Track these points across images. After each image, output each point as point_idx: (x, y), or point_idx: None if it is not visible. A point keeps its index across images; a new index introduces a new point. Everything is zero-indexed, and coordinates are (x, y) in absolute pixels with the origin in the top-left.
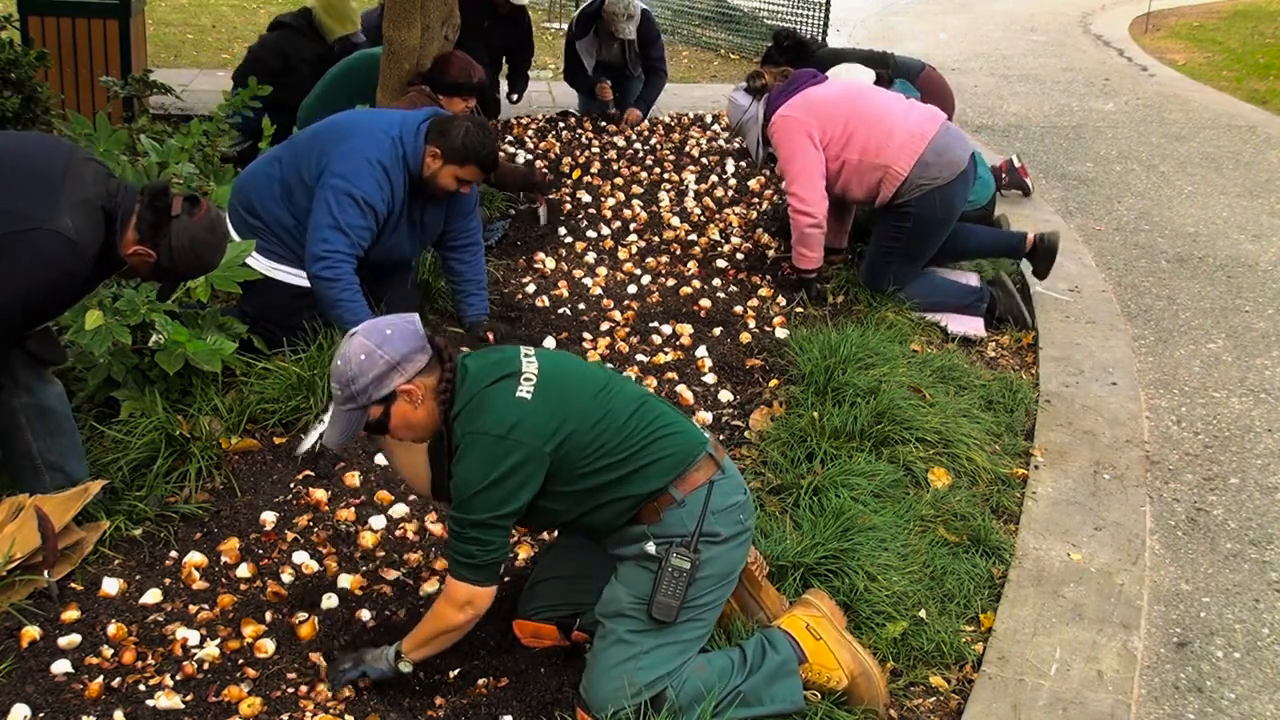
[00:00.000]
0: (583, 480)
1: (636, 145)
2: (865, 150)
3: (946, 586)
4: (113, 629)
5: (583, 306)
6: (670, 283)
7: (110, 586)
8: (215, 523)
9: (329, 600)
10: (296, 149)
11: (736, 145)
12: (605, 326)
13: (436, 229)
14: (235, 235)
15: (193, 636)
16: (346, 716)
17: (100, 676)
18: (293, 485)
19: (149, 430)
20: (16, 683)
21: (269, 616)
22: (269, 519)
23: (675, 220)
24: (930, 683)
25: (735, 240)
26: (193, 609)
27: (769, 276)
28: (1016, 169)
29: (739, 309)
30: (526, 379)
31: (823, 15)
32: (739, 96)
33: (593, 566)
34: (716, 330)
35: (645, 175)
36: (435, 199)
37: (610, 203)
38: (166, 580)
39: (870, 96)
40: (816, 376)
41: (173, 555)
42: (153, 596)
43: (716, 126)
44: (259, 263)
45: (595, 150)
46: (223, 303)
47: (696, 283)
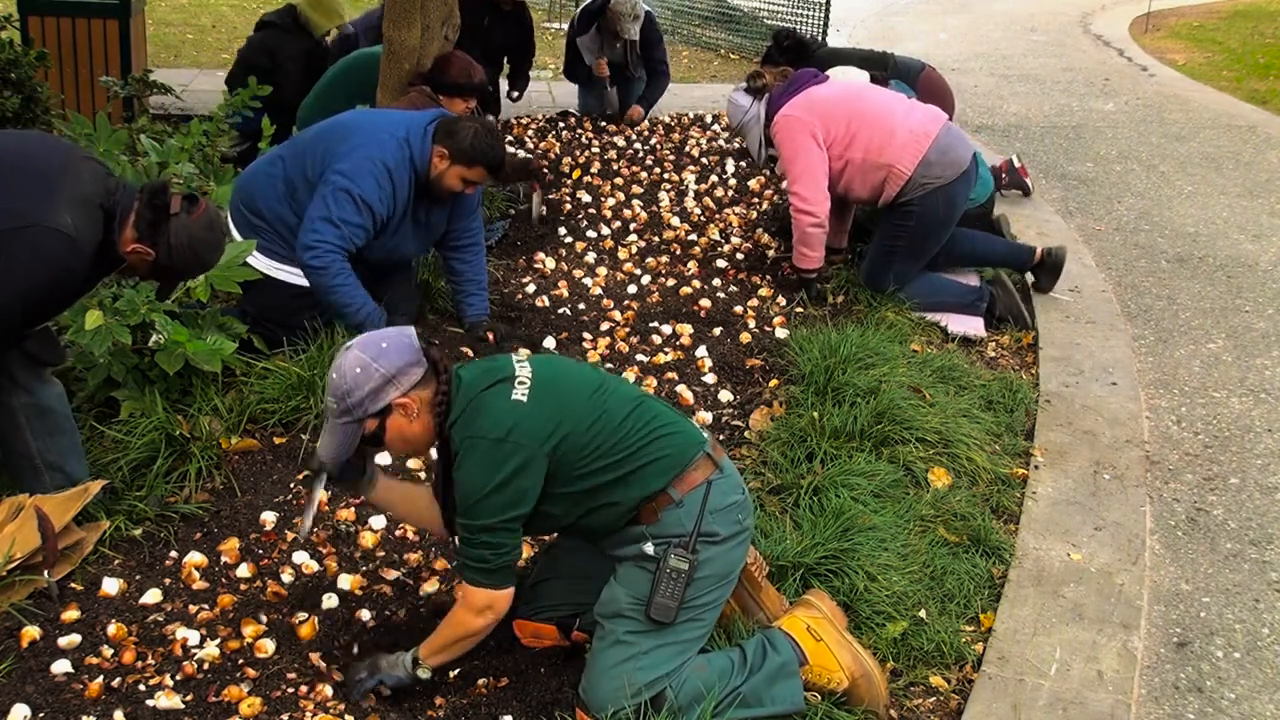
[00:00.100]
0: (580, 481)
1: (636, 145)
2: (869, 149)
3: (946, 586)
4: (113, 629)
5: (583, 306)
6: (670, 283)
7: (110, 586)
8: (215, 523)
9: (329, 600)
10: (300, 148)
11: (737, 145)
12: (605, 326)
13: (440, 229)
14: (237, 234)
15: (193, 636)
16: (347, 717)
17: (100, 676)
18: (293, 485)
19: (149, 430)
20: (16, 683)
21: (269, 617)
22: (269, 519)
23: (675, 220)
24: (930, 683)
25: (735, 240)
26: (193, 609)
27: (769, 276)
28: (1016, 169)
29: (739, 309)
30: (521, 382)
31: (823, 15)
32: (739, 97)
33: (592, 567)
34: (716, 330)
35: (645, 175)
36: (440, 199)
37: (610, 203)
38: (166, 580)
39: (873, 96)
40: (816, 376)
41: (173, 555)
42: (153, 596)
43: (716, 126)
44: (260, 262)
45: (595, 150)
46: (223, 303)
47: (696, 283)
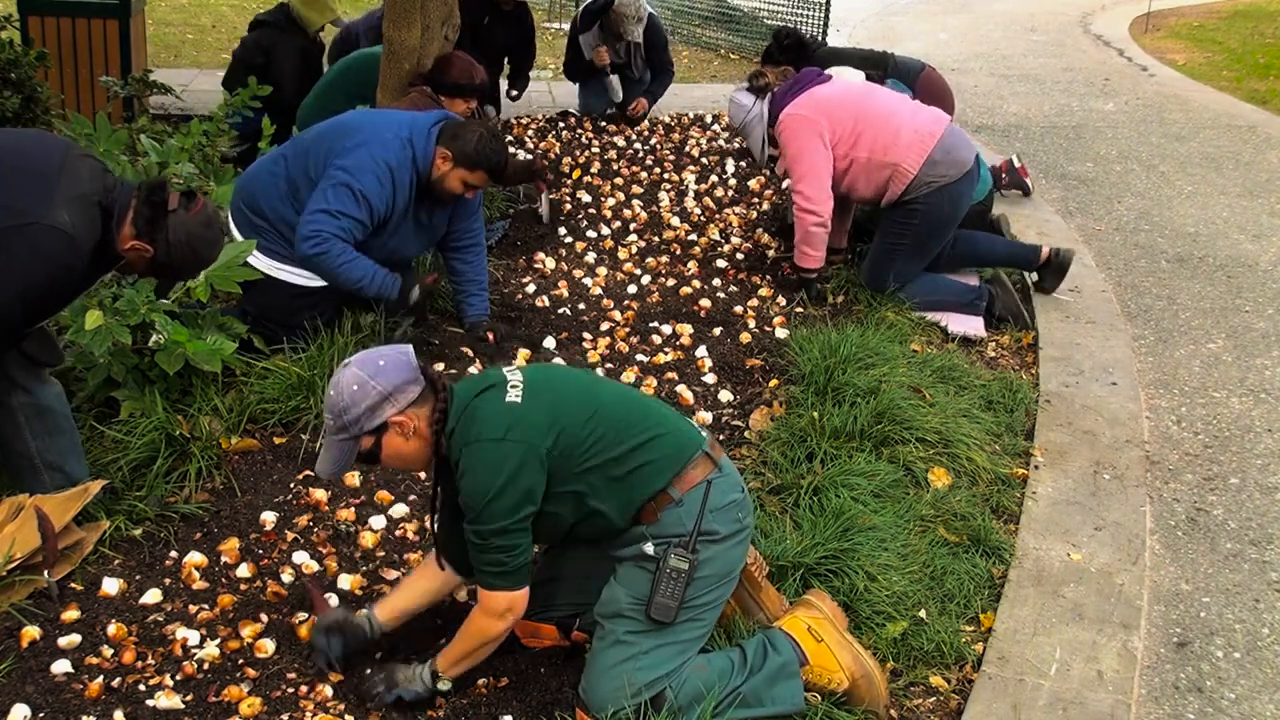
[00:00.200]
0: (581, 480)
1: (636, 145)
2: (874, 149)
3: (946, 586)
4: (113, 629)
5: (583, 306)
6: (670, 283)
7: (110, 586)
8: (215, 523)
9: (329, 600)
10: (302, 147)
11: (737, 145)
12: (605, 326)
13: (441, 230)
14: (238, 234)
15: (193, 636)
16: (347, 717)
17: (100, 676)
18: (293, 485)
19: (149, 430)
20: (16, 683)
21: (269, 617)
22: (269, 519)
23: (675, 220)
24: (930, 683)
25: (735, 240)
26: (193, 609)
27: (769, 276)
28: (1016, 169)
29: (739, 309)
30: (513, 386)
31: (823, 15)
32: (741, 96)
33: (592, 567)
34: (716, 330)
35: (645, 175)
36: (440, 201)
37: (610, 203)
38: (166, 580)
39: (877, 96)
40: (816, 376)
41: (173, 555)
42: (153, 596)
43: (716, 126)
44: (261, 262)
45: (595, 150)
46: (223, 303)
47: (696, 283)
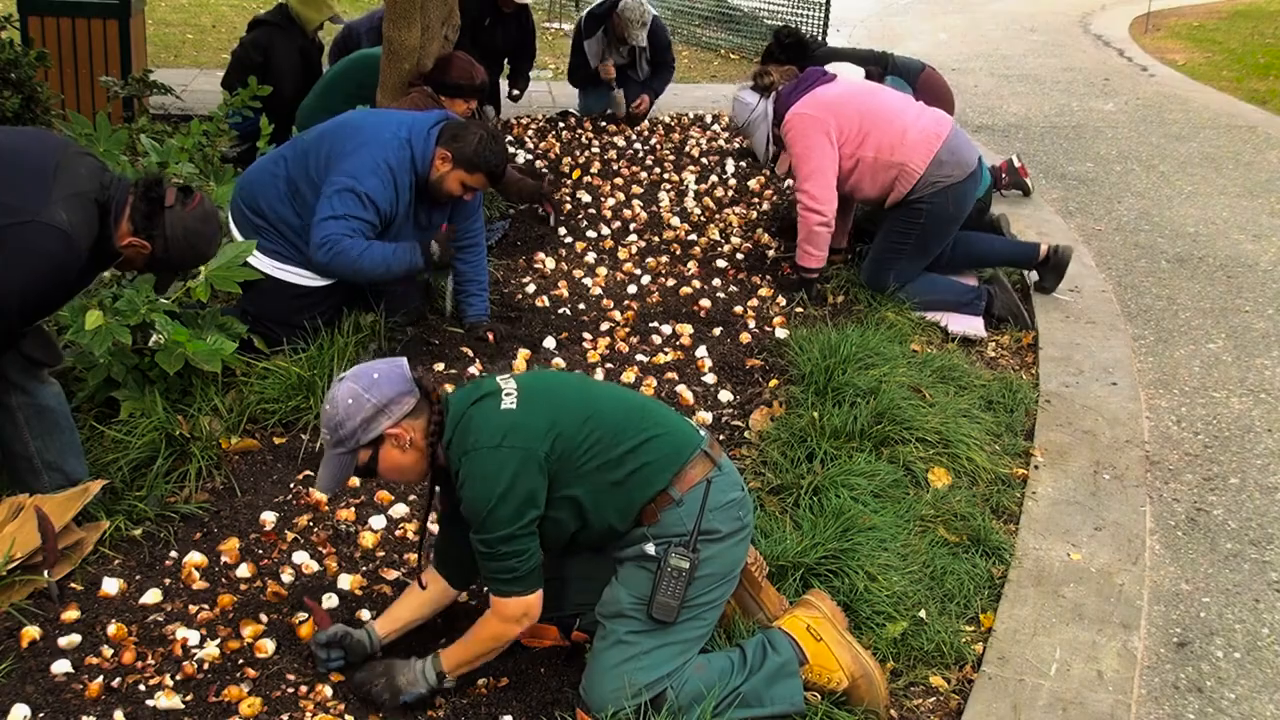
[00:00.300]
0: (580, 483)
1: (636, 145)
2: (880, 149)
3: (946, 586)
4: (113, 629)
5: (583, 306)
6: (670, 283)
7: (110, 586)
8: (215, 523)
9: (329, 600)
10: (302, 148)
11: (737, 145)
12: (605, 326)
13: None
14: (238, 234)
15: (193, 636)
16: (347, 717)
17: (100, 676)
18: (293, 485)
19: (149, 430)
20: (16, 683)
21: (269, 617)
22: (269, 519)
23: (675, 220)
24: (930, 683)
25: (735, 240)
26: (193, 609)
27: (769, 276)
28: (1016, 169)
29: (739, 309)
30: (508, 394)
31: (823, 15)
32: (746, 95)
33: (592, 567)
34: (716, 330)
35: (645, 175)
36: (439, 202)
37: (610, 203)
38: (166, 580)
39: (883, 95)
40: (816, 376)
41: (173, 555)
42: (153, 596)
43: (717, 126)
44: (261, 262)
45: (595, 150)
46: (223, 303)
47: (696, 283)
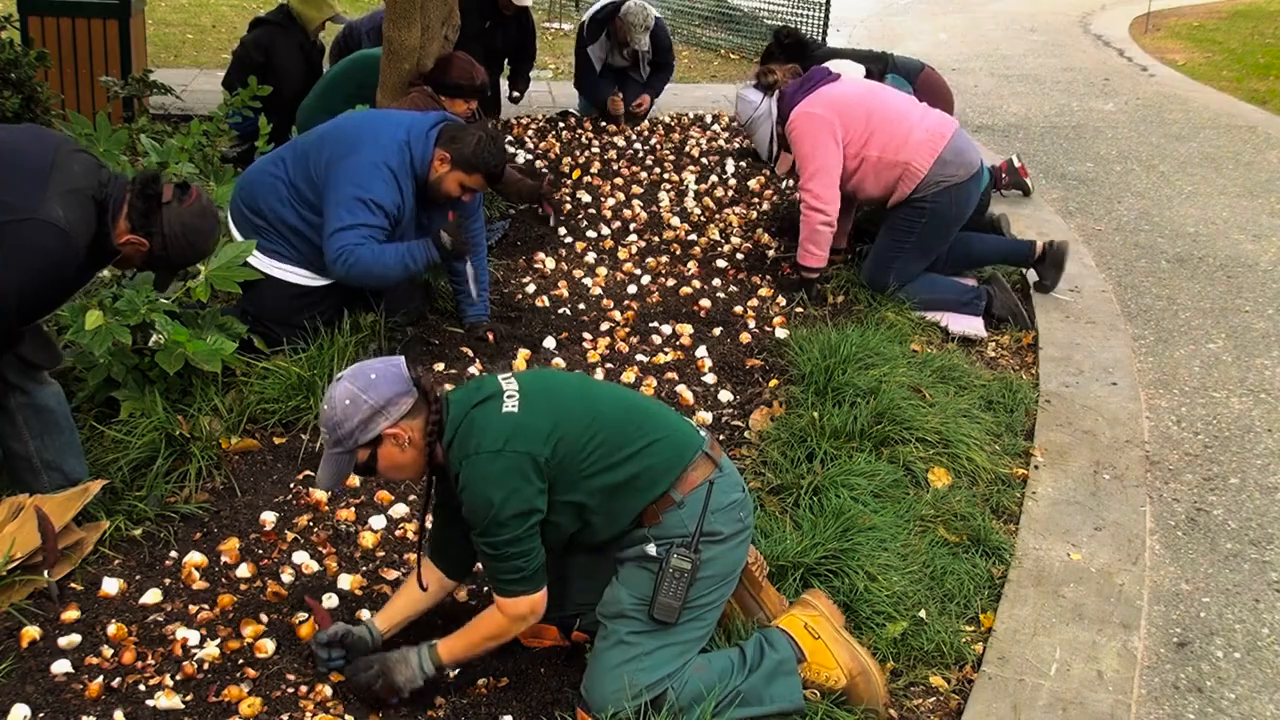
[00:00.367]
0: (582, 487)
1: (636, 145)
2: (885, 148)
3: (946, 586)
4: (113, 629)
5: (583, 306)
6: (670, 283)
7: (110, 586)
8: (215, 523)
9: (329, 600)
10: (302, 150)
11: (737, 145)
12: (605, 326)
13: None
14: (238, 234)
15: (193, 636)
16: (347, 716)
17: (100, 676)
18: (293, 485)
19: (149, 430)
20: (16, 683)
21: (269, 617)
22: (269, 519)
23: (675, 220)
24: (930, 683)
25: (735, 240)
26: (193, 609)
27: (769, 276)
28: (1016, 169)
29: (739, 309)
30: (509, 396)
31: (823, 15)
32: (750, 93)
33: (592, 567)
34: (716, 330)
35: (645, 175)
36: (438, 203)
37: (610, 203)
38: (166, 580)
39: (888, 95)
40: (816, 376)
41: (173, 555)
42: (153, 596)
43: (717, 126)
44: (261, 261)
45: (595, 150)
46: (223, 303)
47: (696, 283)
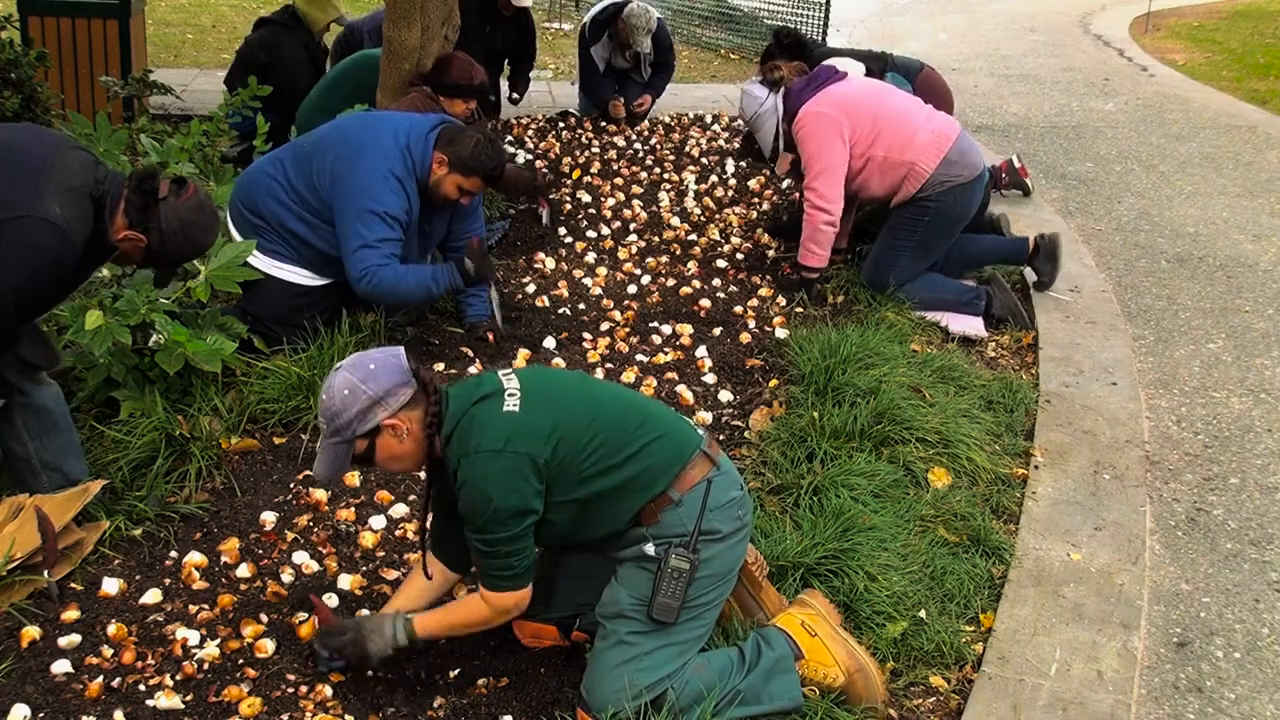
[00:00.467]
0: (581, 487)
1: (636, 145)
2: (891, 148)
3: (946, 586)
4: (113, 629)
5: (583, 306)
6: (670, 283)
7: (110, 586)
8: (215, 523)
9: (329, 600)
10: (304, 154)
11: (738, 145)
12: (605, 326)
13: (440, 233)
14: (236, 234)
15: (193, 636)
16: (346, 716)
17: (100, 676)
18: (293, 485)
19: (149, 430)
20: (16, 683)
21: (269, 617)
22: (269, 519)
23: (675, 220)
24: (930, 683)
25: (735, 240)
26: (193, 609)
27: (769, 276)
28: (1016, 169)
29: (739, 309)
30: (510, 394)
31: (823, 15)
32: (755, 88)
33: (592, 567)
34: (716, 330)
35: (645, 175)
36: (437, 206)
37: (610, 203)
38: (166, 580)
39: (894, 96)
40: (816, 376)
41: (173, 555)
42: (153, 596)
43: (717, 126)
44: (260, 261)
45: (595, 150)
46: (223, 303)
47: (696, 283)
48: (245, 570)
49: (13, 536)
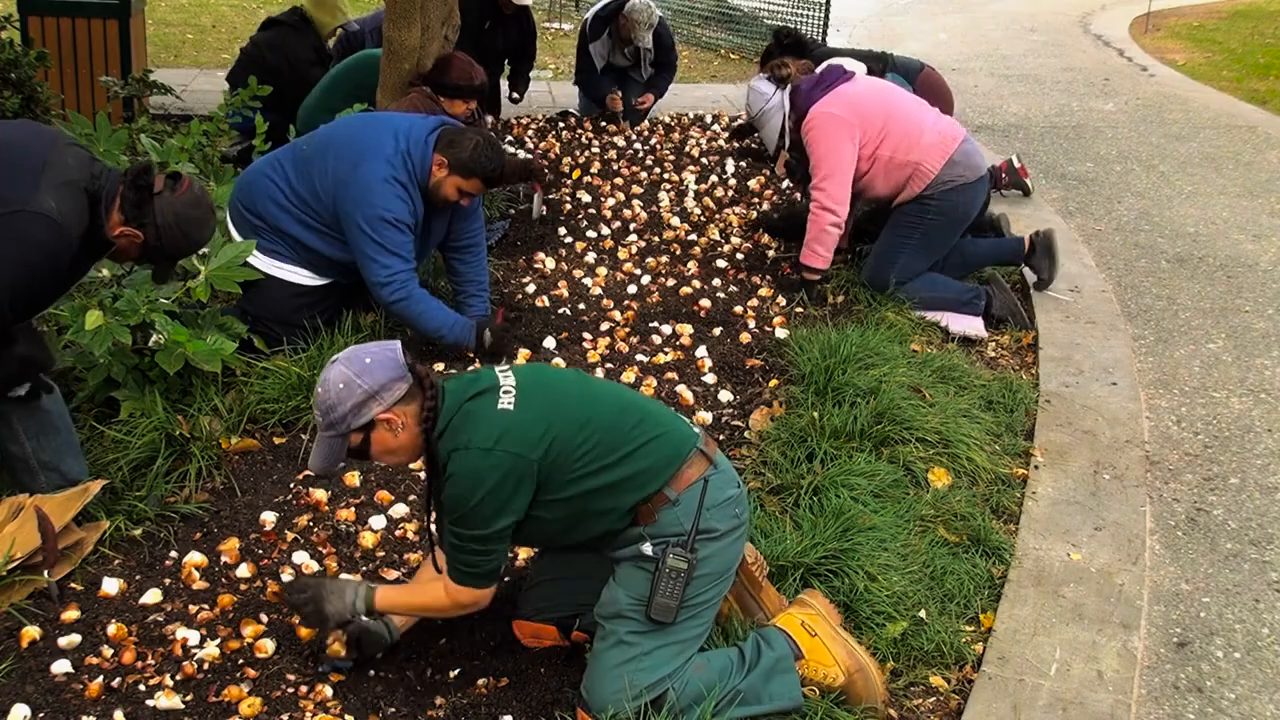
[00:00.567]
0: (574, 486)
1: (636, 145)
2: (897, 148)
3: (946, 586)
4: (113, 629)
5: (583, 306)
6: (670, 283)
7: (110, 586)
8: (215, 523)
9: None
10: (304, 157)
11: (737, 145)
12: (605, 326)
13: (440, 234)
14: (236, 234)
15: (193, 636)
16: (346, 716)
17: (100, 676)
18: (293, 485)
19: (149, 430)
20: (16, 683)
21: (269, 617)
22: (269, 519)
23: (675, 220)
24: (930, 683)
25: (735, 240)
26: (193, 609)
27: (769, 276)
28: (1016, 169)
29: (739, 309)
30: (506, 391)
31: (823, 15)
32: (762, 85)
33: (592, 567)
34: (716, 330)
35: (645, 175)
36: (436, 207)
37: (610, 203)
38: (166, 580)
39: (901, 97)
40: (816, 376)
41: (173, 555)
42: (153, 596)
43: (716, 126)
44: (260, 261)
45: (595, 150)
46: (223, 303)
47: (696, 283)
48: (245, 570)
49: (13, 536)
